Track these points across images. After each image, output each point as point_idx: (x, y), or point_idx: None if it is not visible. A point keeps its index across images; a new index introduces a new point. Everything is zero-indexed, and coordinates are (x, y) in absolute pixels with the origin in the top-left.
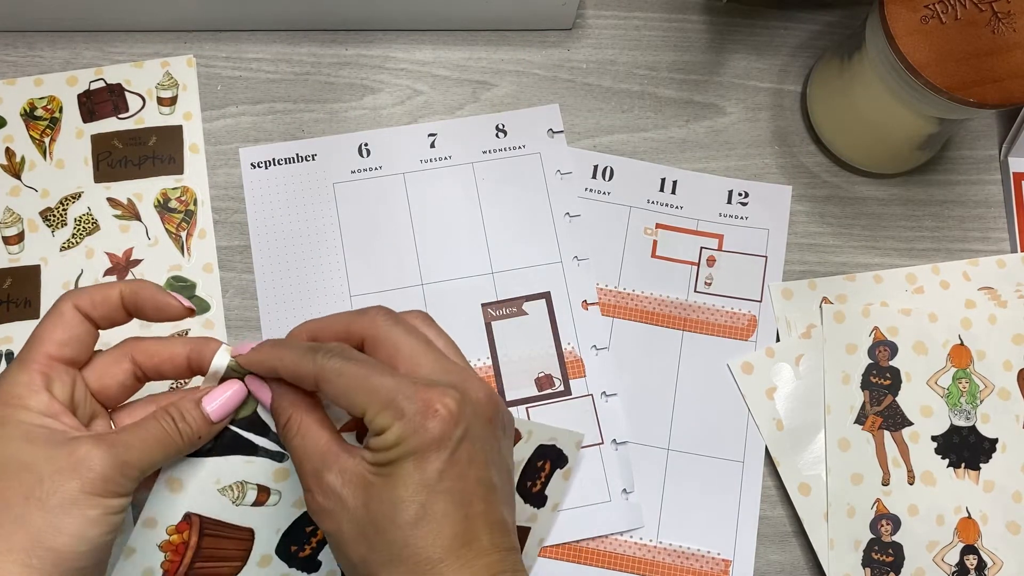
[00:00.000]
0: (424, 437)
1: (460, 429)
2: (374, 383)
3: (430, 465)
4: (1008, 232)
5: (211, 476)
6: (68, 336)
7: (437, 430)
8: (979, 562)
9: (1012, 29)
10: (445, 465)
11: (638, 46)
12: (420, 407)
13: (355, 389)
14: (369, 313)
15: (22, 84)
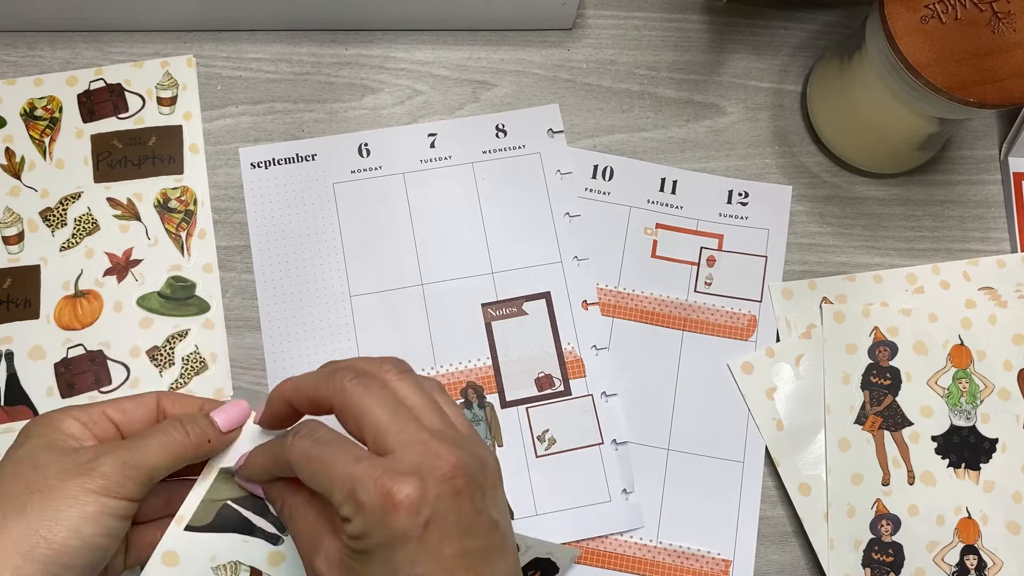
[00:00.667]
0: (386, 531)
1: (424, 515)
2: (337, 471)
3: (399, 556)
4: (1008, 232)
5: (207, 553)
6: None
7: (399, 524)
8: (979, 562)
9: (1012, 29)
10: (415, 553)
11: (638, 46)
12: (379, 501)
13: (321, 475)
14: (336, 377)
15: (22, 84)
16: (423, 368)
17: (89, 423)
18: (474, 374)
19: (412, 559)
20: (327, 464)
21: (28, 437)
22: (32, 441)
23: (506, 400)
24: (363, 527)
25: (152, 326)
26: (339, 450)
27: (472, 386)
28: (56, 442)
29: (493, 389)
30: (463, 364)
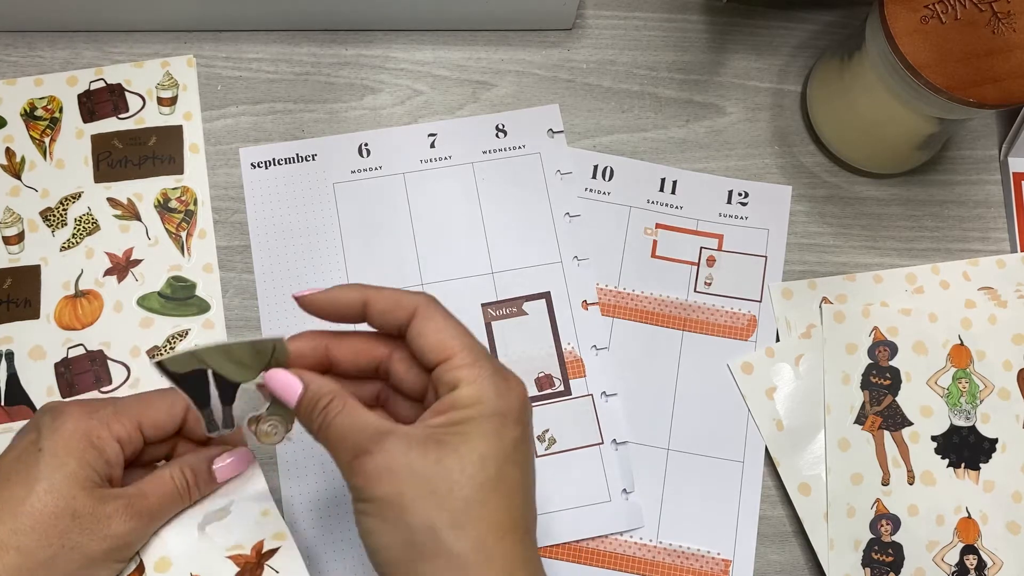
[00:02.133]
0: (506, 403)
1: (528, 414)
2: (463, 339)
3: (508, 432)
4: (1008, 232)
5: None
6: (161, 422)
7: (517, 402)
8: (979, 562)
9: (1012, 29)
10: (520, 437)
11: (638, 46)
12: (503, 374)
13: (445, 333)
14: (419, 295)
15: (22, 84)
16: None
17: (125, 440)
18: None
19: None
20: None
21: (66, 453)
22: (72, 467)
23: None
24: (479, 393)
25: (152, 326)
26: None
27: None
28: (89, 477)
29: None
30: None
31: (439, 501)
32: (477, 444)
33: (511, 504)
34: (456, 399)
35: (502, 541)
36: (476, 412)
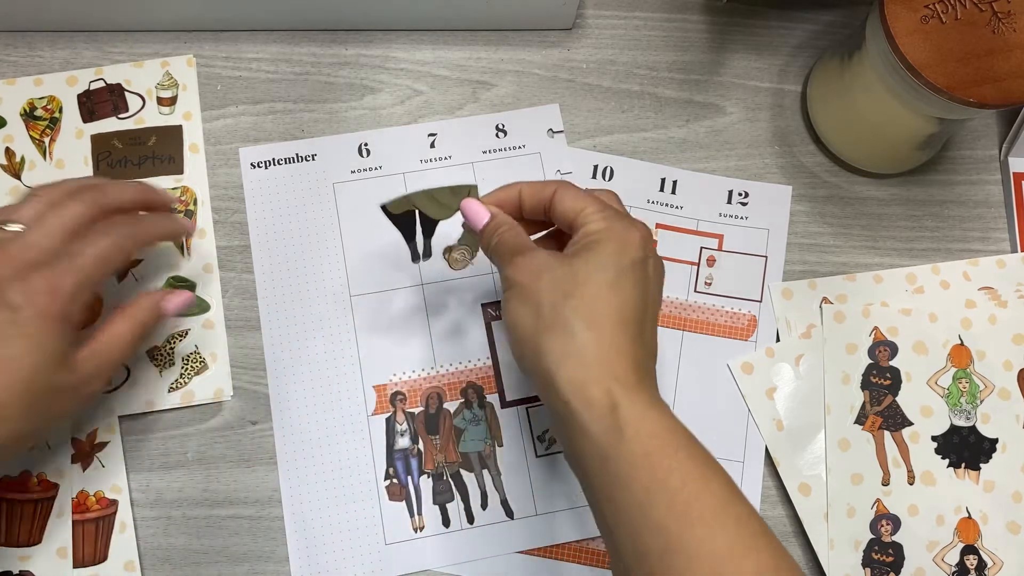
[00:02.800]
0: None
1: (649, 248)
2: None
3: (628, 253)
4: (1008, 232)
5: None
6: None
7: (638, 235)
8: (979, 562)
9: (1012, 29)
10: (638, 260)
11: (638, 46)
12: (629, 218)
13: (579, 198)
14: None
15: (22, 84)
16: (423, 368)
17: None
18: (474, 374)
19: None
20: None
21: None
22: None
23: (506, 400)
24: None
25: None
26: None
27: (472, 386)
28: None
29: (493, 389)
30: (463, 364)
31: (564, 289)
32: (600, 255)
33: (624, 306)
34: (587, 230)
35: (613, 329)
36: (602, 236)
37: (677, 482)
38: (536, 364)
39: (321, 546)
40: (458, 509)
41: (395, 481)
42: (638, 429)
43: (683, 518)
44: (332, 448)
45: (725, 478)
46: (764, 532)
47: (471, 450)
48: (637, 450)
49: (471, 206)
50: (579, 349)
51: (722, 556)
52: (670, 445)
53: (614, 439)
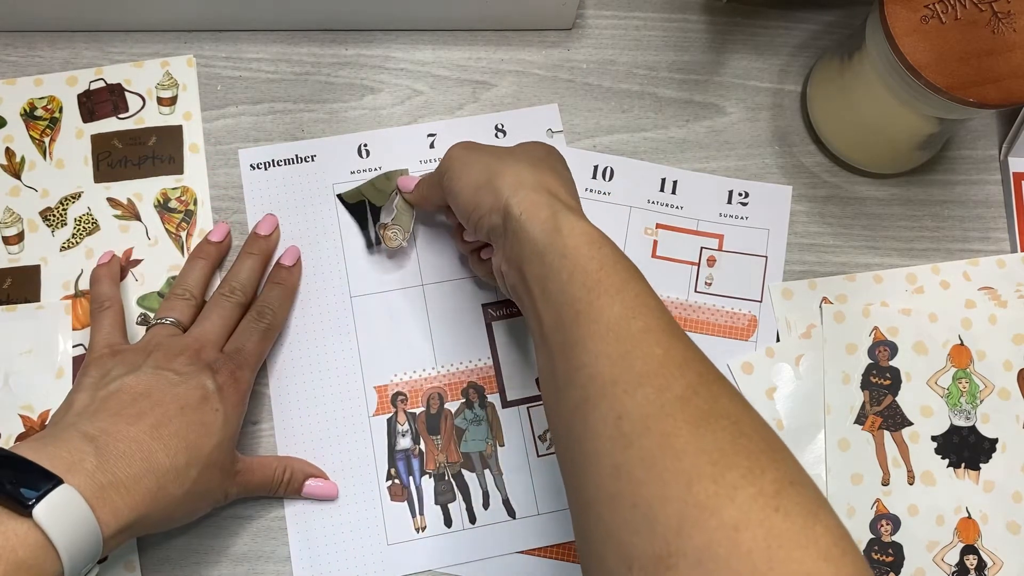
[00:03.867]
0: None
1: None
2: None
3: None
4: (1008, 232)
5: None
6: None
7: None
8: (979, 562)
9: (1012, 29)
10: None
11: (638, 46)
12: None
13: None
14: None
15: (22, 84)
16: (424, 369)
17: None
18: (475, 374)
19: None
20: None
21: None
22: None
23: (507, 400)
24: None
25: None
26: None
27: (473, 386)
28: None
29: (494, 389)
30: (464, 364)
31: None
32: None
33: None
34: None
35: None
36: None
37: (595, 265)
38: (492, 201)
39: (323, 547)
40: (460, 509)
41: (397, 482)
42: (572, 229)
43: (592, 291)
44: (333, 449)
45: (631, 267)
46: (656, 305)
47: (473, 450)
48: (569, 243)
49: (406, 178)
50: (529, 180)
51: (617, 317)
52: (594, 242)
53: (554, 236)
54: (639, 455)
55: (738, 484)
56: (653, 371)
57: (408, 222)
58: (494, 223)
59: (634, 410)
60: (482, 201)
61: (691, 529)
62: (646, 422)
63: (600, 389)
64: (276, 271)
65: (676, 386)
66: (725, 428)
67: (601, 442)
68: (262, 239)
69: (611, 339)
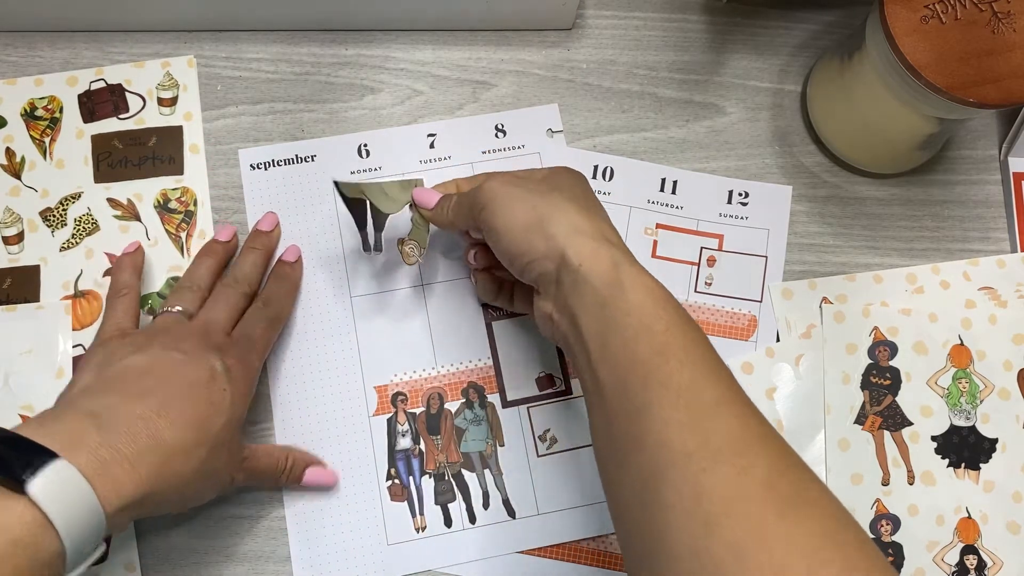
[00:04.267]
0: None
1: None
2: None
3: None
4: (1008, 232)
5: None
6: None
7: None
8: (979, 562)
9: (1012, 29)
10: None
11: (638, 46)
12: None
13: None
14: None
15: (22, 84)
16: (424, 369)
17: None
18: (475, 374)
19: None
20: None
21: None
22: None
23: (507, 400)
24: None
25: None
26: None
27: (473, 386)
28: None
29: (494, 389)
30: (464, 364)
31: (543, 187)
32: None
33: (595, 202)
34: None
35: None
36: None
37: (661, 327)
38: (543, 247)
39: (322, 546)
40: (460, 509)
41: (397, 482)
42: (635, 283)
43: (660, 354)
44: (333, 449)
45: (696, 328)
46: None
47: (473, 450)
48: (633, 299)
49: (422, 191)
50: (583, 226)
51: (687, 384)
52: (659, 300)
53: (616, 291)
54: (722, 540)
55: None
56: (731, 448)
57: (424, 238)
58: (546, 269)
59: (715, 490)
60: (533, 246)
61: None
62: (729, 506)
63: (671, 460)
64: (279, 266)
65: (759, 467)
66: (814, 517)
67: (676, 519)
68: (264, 235)
69: (683, 407)
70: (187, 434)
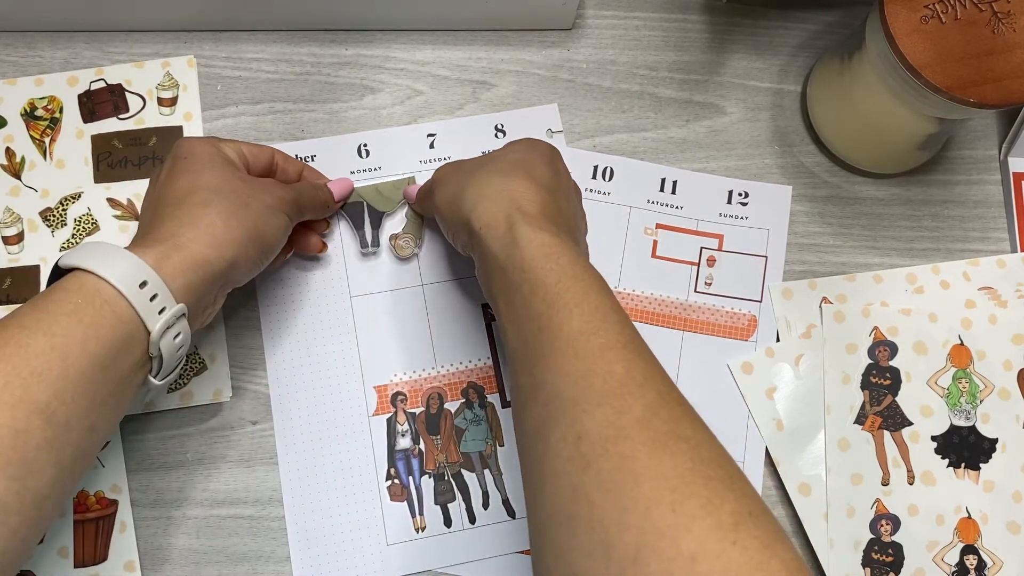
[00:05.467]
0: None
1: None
2: None
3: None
4: (1008, 232)
5: None
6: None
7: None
8: (979, 562)
9: (1012, 29)
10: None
11: (638, 46)
12: None
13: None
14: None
15: (22, 84)
16: (424, 369)
17: (237, 155)
18: (475, 374)
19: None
20: None
21: (195, 152)
22: (203, 154)
23: (507, 400)
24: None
25: None
26: None
27: (473, 386)
28: (229, 161)
29: (494, 389)
30: (464, 364)
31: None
32: (510, 145)
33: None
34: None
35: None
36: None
37: (553, 278)
38: (459, 217)
39: (322, 546)
40: (460, 509)
41: (396, 481)
42: (529, 240)
43: (553, 305)
44: (333, 448)
45: (591, 277)
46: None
47: (472, 450)
48: (526, 255)
49: (410, 188)
50: (490, 192)
51: (576, 333)
52: (551, 255)
53: (512, 250)
54: (597, 478)
55: (697, 514)
56: (613, 391)
57: (418, 230)
58: (463, 240)
59: (593, 431)
60: (452, 217)
61: (648, 557)
62: (605, 444)
63: (561, 407)
64: (324, 186)
65: (636, 407)
66: (684, 452)
67: (560, 462)
68: (330, 195)
69: (571, 356)
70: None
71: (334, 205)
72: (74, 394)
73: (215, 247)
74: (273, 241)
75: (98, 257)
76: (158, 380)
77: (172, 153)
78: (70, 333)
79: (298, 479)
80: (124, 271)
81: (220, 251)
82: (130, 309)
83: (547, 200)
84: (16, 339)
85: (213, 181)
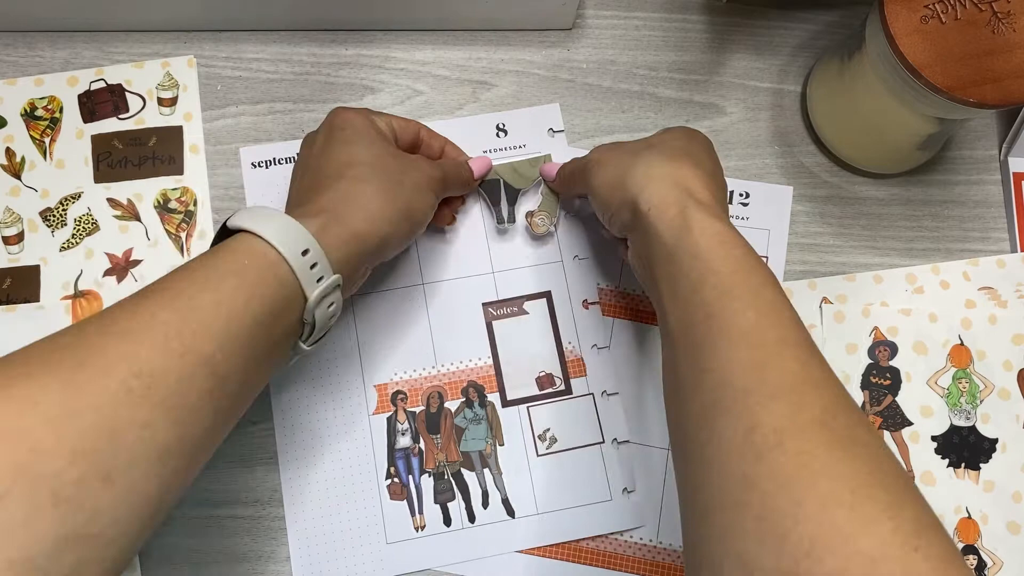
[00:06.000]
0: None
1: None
2: None
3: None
4: (1008, 232)
5: None
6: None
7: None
8: (979, 562)
9: (1012, 29)
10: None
11: (638, 46)
12: None
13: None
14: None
15: (22, 84)
16: (424, 368)
17: (388, 128)
18: (475, 373)
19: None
20: None
21: (351, 123)
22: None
23: (507, 399)
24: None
25: None
26: None
27: (473, 385)
28: (382, 134)
29: (494, 388)
30: (464, 363)
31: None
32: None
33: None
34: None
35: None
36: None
37: (728, 268)
38: (622, 198)
39: (322, 546)
40: (459, 508)
41: (396, 480)
42: (703, 229)
43: (726, 294)
44: (333, 447)
45: (765, 272)
46: (791, 316)
47: (472, 449)
48: (700, 242)
49: (547, 165)
50: (659, 175)
51: (751, 325)
52: (727, 244)
53: (682, 235)
54: (771, 469)
55: (877, 517)
56: (789, 386)
57: (554, 208)
58: (625, 220)
59: (768, 423)
60: (613, 198)
61: (823, 552)
62: (780, 437)
63: (731, 396)
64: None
65: (814, 406)
66: (862, 457)
67: (729, 449)
68: (471, 173)
69: (744, 346)
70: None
71: (474, 183)
72: (234, 349)
73: (371, 223)
74: (422, 218)
75: (267, 222)
76: (307, 345)
77: (328, 121)
78: (235, 292)
79: (298, 478)
80: (289, 238)
81: (375, 227)
82: (291, 275)
83: (715, 189)
84: (187, 292)
85: (369, 156)
